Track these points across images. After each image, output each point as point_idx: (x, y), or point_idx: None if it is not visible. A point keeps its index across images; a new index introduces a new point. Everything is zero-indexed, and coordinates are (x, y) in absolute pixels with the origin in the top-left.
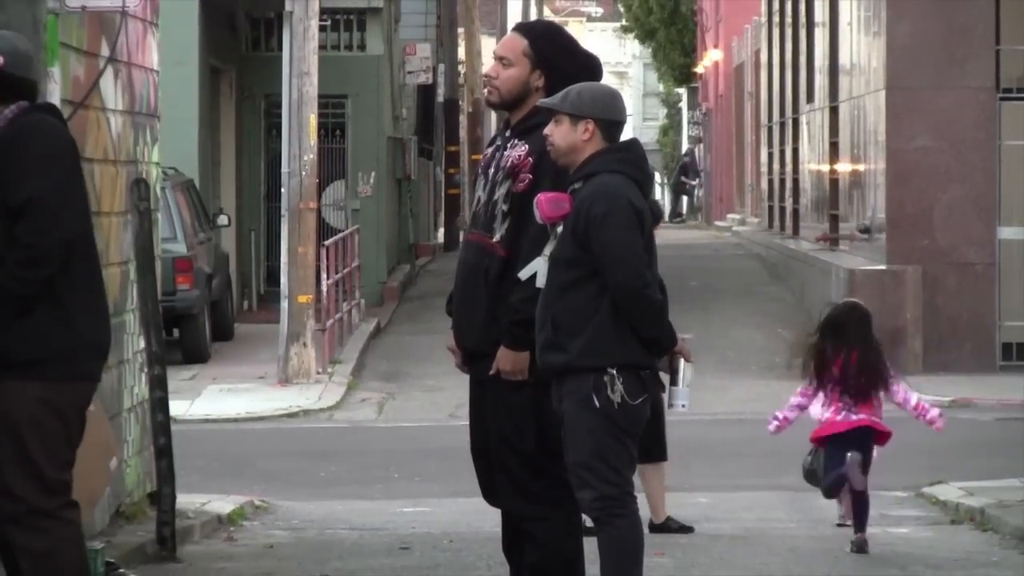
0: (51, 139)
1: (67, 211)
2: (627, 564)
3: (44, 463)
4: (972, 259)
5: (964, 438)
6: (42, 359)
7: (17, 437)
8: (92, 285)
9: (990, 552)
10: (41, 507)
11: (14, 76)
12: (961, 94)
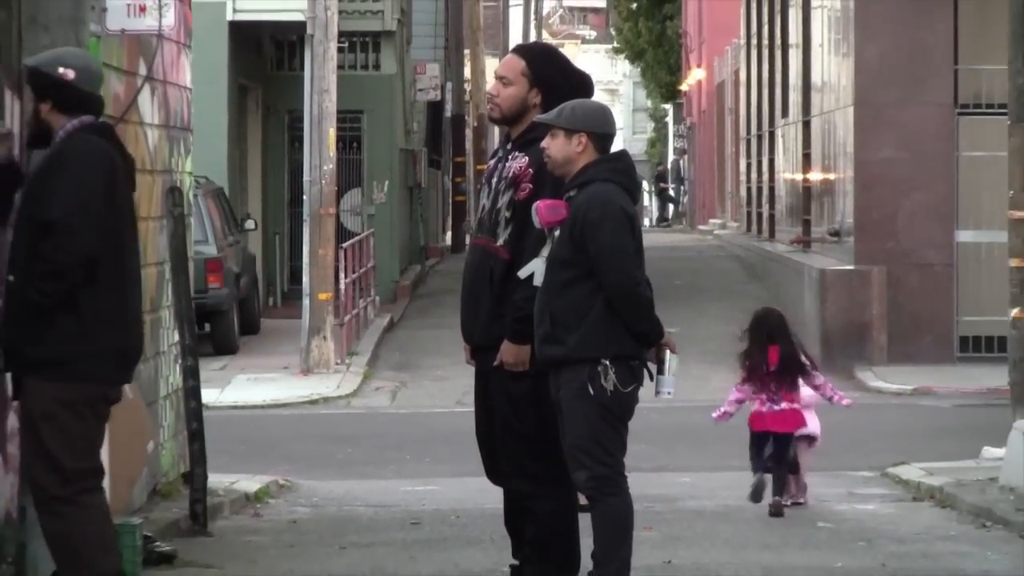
0: (85, 161)
1: (89, 231)
2: (618, 538)
3: (61, 455)
4: (932, 260)
5: (925, 423)
6: (58, 361)
7: (35, 431)
8: (118, 294)
9: (949, 527)
10: (58, 494)
11: (83, 91)
12: (922, 110)
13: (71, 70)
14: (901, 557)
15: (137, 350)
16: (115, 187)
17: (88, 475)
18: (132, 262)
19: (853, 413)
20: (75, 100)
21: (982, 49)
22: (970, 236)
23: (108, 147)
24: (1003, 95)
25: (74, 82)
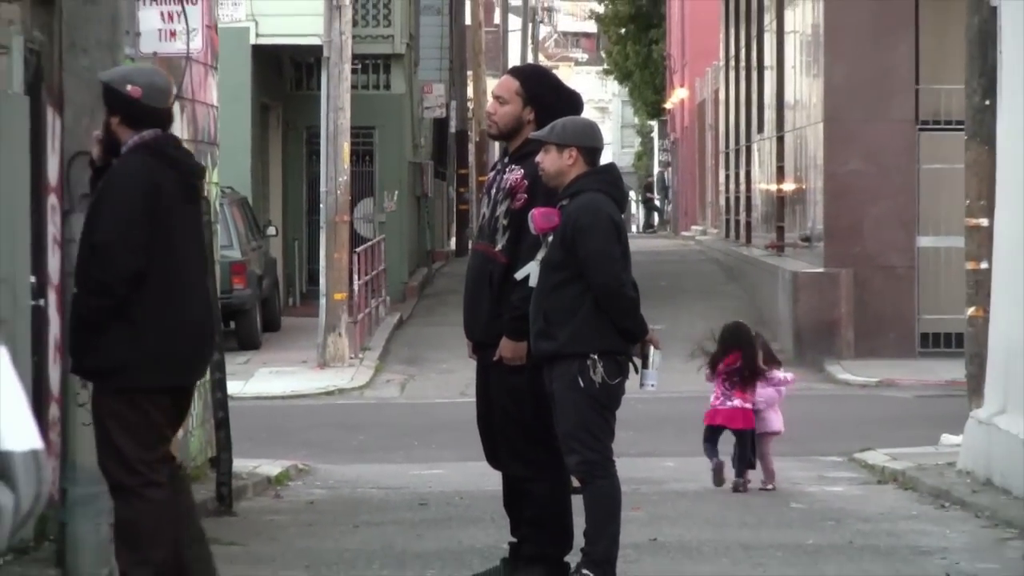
0: (126, 186)
1: (128, 251)
2: (608, 517)
3: (126, 448)
4: (895, 263)
5: (888, 412)
6: (112, 369)
7: (103, 426)
8: (169, 304)
9: (910, 507)
10: (123, 483)
11: (148, 107)
12: (886, 126)
13: (138, 87)
14: (867, 535)
15: (192, 352)
16: (157, 204)
17: (153, 465)
18: (187, 270)
19: (823, 403)
20: (141, 115)
21: (941, 70)
22: (930, 241)
23: (152, 167)
24: (960, 112)
25: (141, 98)
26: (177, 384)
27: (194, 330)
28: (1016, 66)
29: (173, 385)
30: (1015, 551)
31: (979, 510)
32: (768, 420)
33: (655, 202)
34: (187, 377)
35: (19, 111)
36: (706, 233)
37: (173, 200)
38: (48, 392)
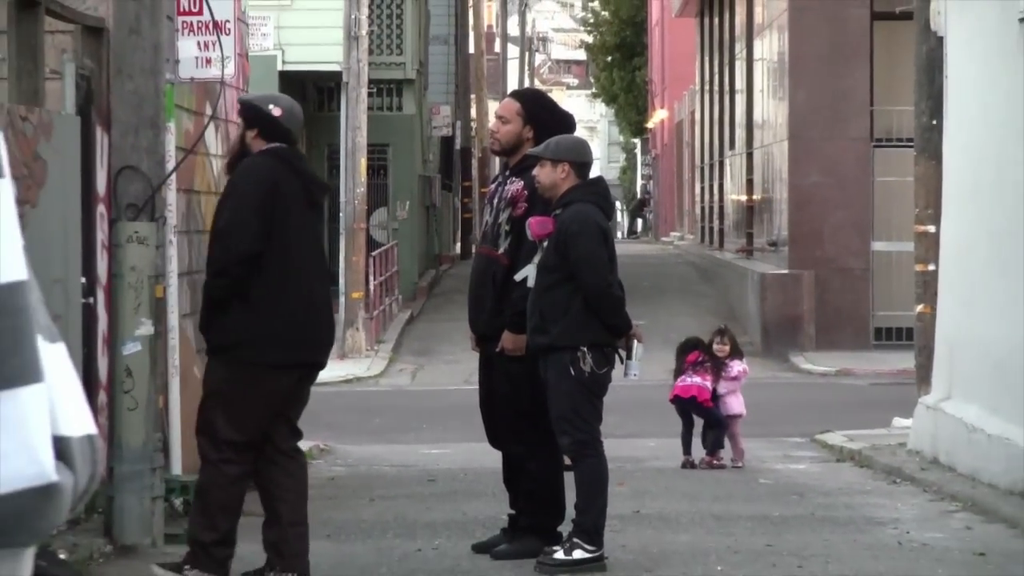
0: (248, 180)
1: (243, 238)
2: (596, 492)
3: (219, 424)
4: (852, 265)
5: (846, 398)
6: (229, 345)
7: (204, 402)
8: (286, 288)
9: (865, 483)
10: (207, 456)
11: (283, 127)
12: (844, 143)
13: (279, 108)
14: (827, 507)
15: (304, 335)
16: (275, 200)
17: (237, 447)
18: (304, 262)
19: (787, 390)
20: (276, 132)
21: (892, 93)
22: (883, 246)
23: (274, 169)
24: (910, 131)
25: (279, 118)
26: (286, 362)
27: (308, 315)
28: (960, 89)
29: (282, 363)
30: (959, 522)
31: (927, 486)
32: (729, 404)
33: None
34: (298, 356)
35: (71, 130)
36: (683, 239)
37: (293, 201)
38: (97, 381)
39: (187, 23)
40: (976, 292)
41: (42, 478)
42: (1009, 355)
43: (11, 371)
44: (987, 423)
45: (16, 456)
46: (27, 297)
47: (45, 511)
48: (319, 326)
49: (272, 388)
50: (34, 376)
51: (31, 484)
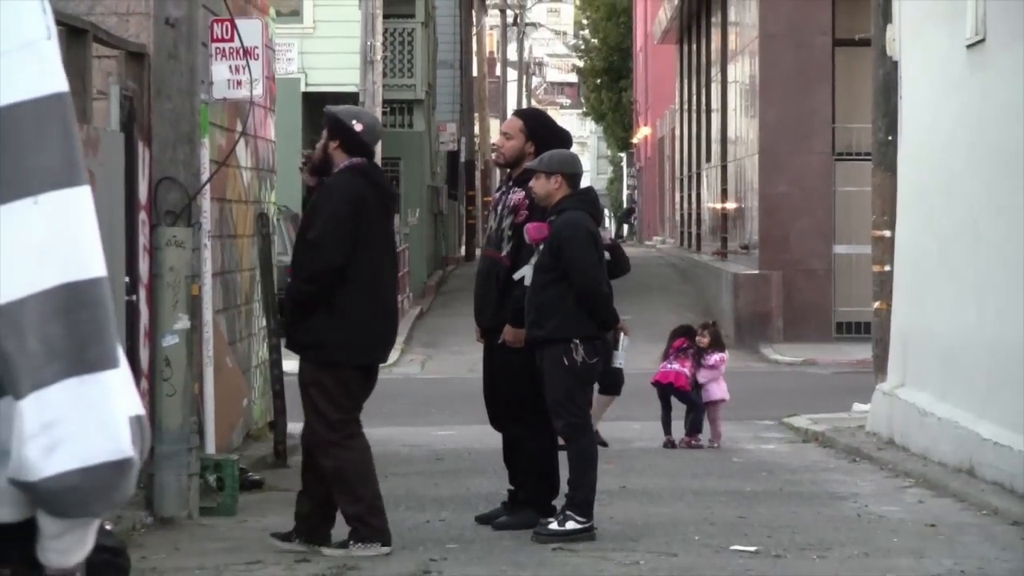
0: (337, 198)
1: (334, 250)
2: (587, 469)
3: (327, 410)
4: (816, 267)
5: (811, 385)
6: (315, 344)
7: (307, 393)
8: (365, 295)
9: (828, 462)
10: (327, 439)
11: (363, 141)
12: (809, 157)
13: (361, 124)
14: (794, 483)
15: (380, 337)
16: (360, 216)
17: (350, 423)
18: (381, 270)
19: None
20: (356, 145)
21: (852, 112)
22: (844, 249)
23: (360, 186)
24: (868, 146)
25: (360, 133)
26: (366, 362)
27: (383, 319)
28: (912, 109)
29: (362, 363)
30: (912, 497)
31: (883, 464)
32: (711, 391)
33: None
34: (374, 356)
35: (116, 145)
36: (665, 242)
37: (373, 213)
38: (139, 369)
39: (220, 49)
40: (927, 290)
41: (120, 453)
42: (956, 347)
43: (95, 357)
44: (937, 408)
45: (98, 433)
46: (107, 292)
47: (120, 484)
48: (388, 329)
49: (349, 380)
50: (114, 362)
51: (110, 459)
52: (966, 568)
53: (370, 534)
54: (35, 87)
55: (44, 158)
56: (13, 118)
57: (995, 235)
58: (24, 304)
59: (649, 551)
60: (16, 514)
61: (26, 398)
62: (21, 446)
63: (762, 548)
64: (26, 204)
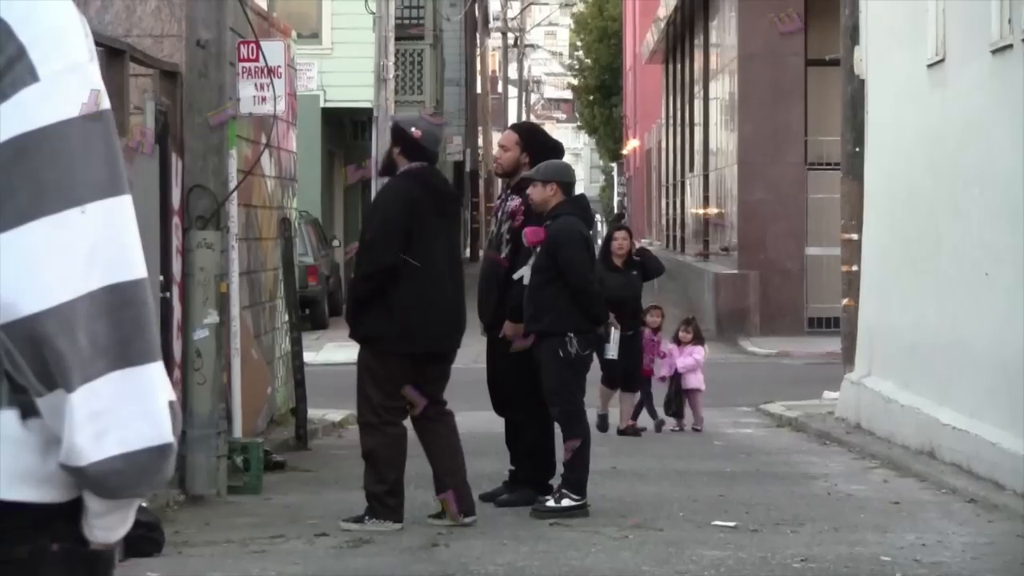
0: (390, 199)
1: (387, 249)
2: (582, 453)
3: (373, 395)
4: (789, 267)
5: (785, 375)
6: (368, 336)
7: (361, 378)
8: (419, 292)
9: (801, 445)
10: (370, 421)
11: (421, 146)
12: (784, 167)
13: (419, 131)
14: (770, 464)
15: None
16: (412, 216)
17: (393, 411)
18: (438, 266)
19: (737, 368)
20: (415, 151)
21: (823, 126)
22: (815, 251)
23: (411, 188)
24: (837, 157)
25: (419, 139)
26: (419, 352)
27: (438, 313)
28: (878, 122)
29: (415, 352)
30: (878, 476)
31: (851, 446)
32: (689, 380)
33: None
34: (425, 347)
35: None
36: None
37: (428, 214)
38: (172, 360)
39: (246, 68)
40: (891, 289)
41: (161, 439)
42: (918, 340)
43: (137, 351)
44: (900, 396)
45: (141, 422)
46: (149, 291)
47: (161, 466)
48: (444, 322)
49: (403, 369)
50: (155, 355)
51: (152, 444)
52: (927, 542)
53: (386, 513)
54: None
55: (90, 171)
56: (61, 134)
57: (953, 239)
58: (74, 305)
59: (637, 526)
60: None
61: (77, 391)
62: (72, 434)
63: (740, 523)
64: (75, 213)
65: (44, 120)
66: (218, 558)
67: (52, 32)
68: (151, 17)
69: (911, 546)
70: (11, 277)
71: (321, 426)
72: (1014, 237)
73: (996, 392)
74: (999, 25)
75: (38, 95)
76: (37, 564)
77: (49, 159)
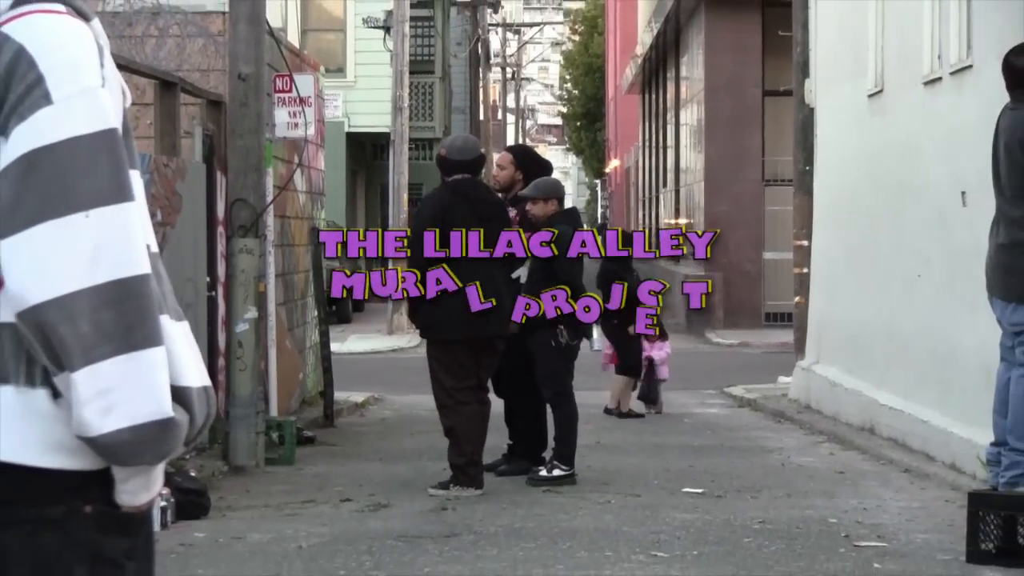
0: (424, 206)
1: (418, 247)
2: (569, 428)
3: (443, 379)
4: (749, 269)
5: (745, 362)
6: (424, 328)
7: (430, 365)
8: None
9: (759, 423)
10: (443, 402)
11: (451, 160)
12: (745, 183)
13: (444, 149)
14: (733, 439)
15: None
16: (445, 222)
17: (464, 390)
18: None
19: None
20: (447, 166)
21: (778, 148)
22: (771, 255)
23: (442, 197)
24: (790, 174)
25: (445, 156)
26: (467, 337)
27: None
28: (825, 145)
29: (464, 337)
30: (825, 450)
31: (802, 424)
32: (660, 371)
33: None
34: (473, 333)
35: (199, 173)
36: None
37: (465, 218)
38: (217, 350)
39: (281, 98)
40: (836, 288)
41: (162, 414)
42: (860, 332)
43: (140, 337)
44: (844, 380)
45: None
46: (150, 285)
47: (165, 438)
48: (486, 312)
49: (457, 354)
50: (156, 341)
51: (154, 418)
52: (867, 506)
53: (466, 481)
54: (89, 125)
55: (94, 181)
56: (68, 149)
57: (890, 245)
58: (75, 296)
59: (618, 492)
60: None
61: (79, 371)
62: (80, 409)
63: (707, 490)
64: (79, 217)
65: (54, 137)
66: (256, 520)
67: (68, 62)
68: (199, 54)
69: (854, 510)
70: (20, 272)
71: (345, 406)
72: (942, 244)
73: (926, 377)
74: (930, 61)
75: (50, 116)
76: (70, 523)
77: (57, 170)
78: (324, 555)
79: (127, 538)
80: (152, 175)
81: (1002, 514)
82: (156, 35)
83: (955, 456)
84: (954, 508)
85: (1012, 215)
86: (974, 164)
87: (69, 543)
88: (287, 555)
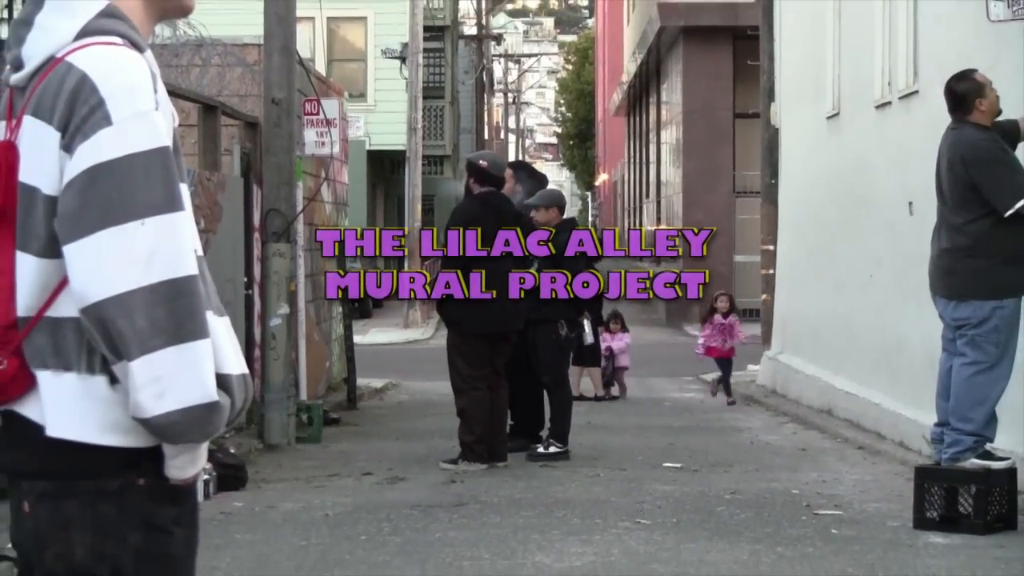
0: (456, 213)
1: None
2: (564, 410)
3: (460, 366)
4: (722, 270)
5: None
6: (452, 320)
7: (450, 353)
8: (488, 285)
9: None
10: (459, 387)
11: (488, 173)
12: (718, 195)
13: (485, 162)
14: (707, 420)
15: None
16: (470, 225)
17: (478, 378)
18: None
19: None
20: (483, 177)
21: (747, 163)
22: (741, 258)
23: (471, 207)
24: (758, 187)
25: (486, 168)
26: (475, 332)
27: (503, 302)
28: (789, 161)
29: (473, 332)
30: (789, 430)
31: (769, 407)
32: (619, 359)
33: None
34: (489, 329)
35: (237, 187)
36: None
37: (490, 227)
38: (254, 342)
39: (310, 119)
40: (799, 287)
41: (208, 398)
42: (820, 326)
43: (189, 331)
44: (806, 368)
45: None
46: (199, 284)
47: (210, 419)
48: (507, 309)
49: (476, 345)
50: (203, 334)
51: (201, 402)
52: (826, 479)
53: (473, 456)
54: (145, 143)
55: (149, 193)
56: (126, 165)
57: (846, 249)
58: (132, 294)
59: (606, 467)
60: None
61: (136, 360)
62: (136, 394)
63: (684, 465)
64: (135, 225)
65: (114, 154)
66: (288, 491)
67: (126, 88)
68: (237, 81)
69: (814, 482)
70: (83, 273)
71: (367, 391)
72: (892, 248)
73: (878, 365)
74: (881, 87)
75: (110, 136)
76: (125, 494)
77: (116, 184)
78: (348, 522)
79: (175, 507)
80: (196, 188)
81: (945, 486)
82: (200, 64)
83: (903, 435)
84: (902, 481)
85: (953, 222)
86: (920, 178)
87: (124, 512)
88: (315, 522)
